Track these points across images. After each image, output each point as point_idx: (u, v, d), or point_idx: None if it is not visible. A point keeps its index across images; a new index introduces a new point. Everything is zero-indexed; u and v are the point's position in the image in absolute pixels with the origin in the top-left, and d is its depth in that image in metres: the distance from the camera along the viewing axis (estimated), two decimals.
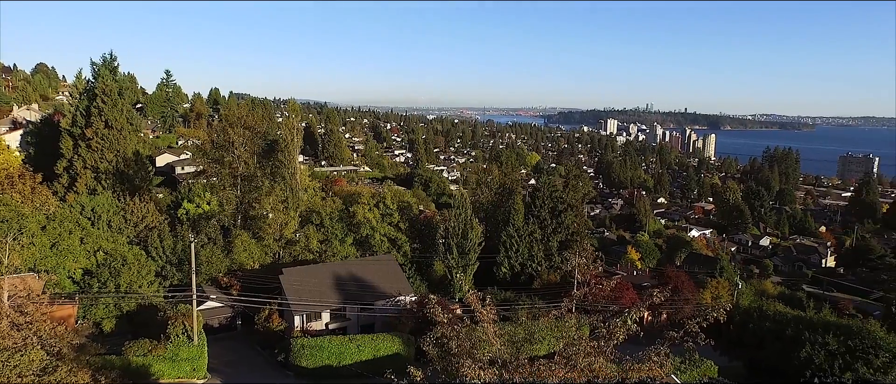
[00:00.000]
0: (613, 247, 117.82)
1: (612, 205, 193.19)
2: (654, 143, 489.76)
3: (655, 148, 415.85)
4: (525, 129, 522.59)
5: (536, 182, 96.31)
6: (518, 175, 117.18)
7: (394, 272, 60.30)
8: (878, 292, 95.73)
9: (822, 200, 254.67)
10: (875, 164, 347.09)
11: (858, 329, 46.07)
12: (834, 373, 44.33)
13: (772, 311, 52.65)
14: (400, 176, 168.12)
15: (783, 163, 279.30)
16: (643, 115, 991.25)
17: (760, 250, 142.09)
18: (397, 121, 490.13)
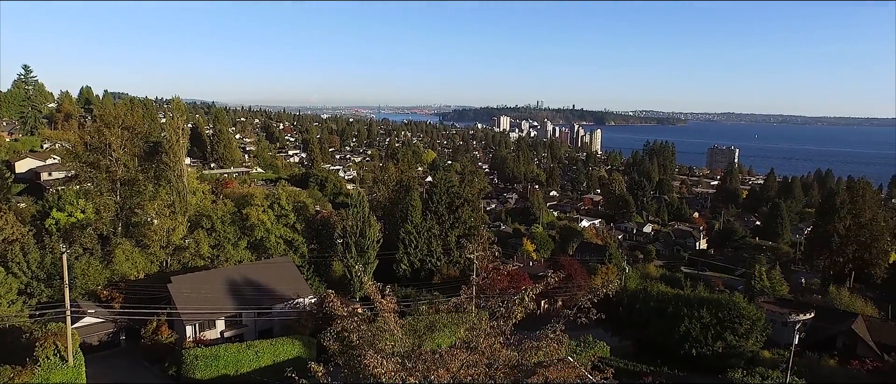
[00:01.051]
0: (510, 239, 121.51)
1: (507, 199, 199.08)
2: (545, 138, 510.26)
3: (546, 143, 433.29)
4: (421, 127, 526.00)
5: (433, 179, 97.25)
6: (415, 172, 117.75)
7: (291, 274, 58.62)
8: (741, 269, 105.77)
9: (695, 189, 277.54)
10: (736, 154, 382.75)
11: (726, 302, 50.72)
12: (707, 343, 48.54)
13: (655, 292, 56.69)
14: (295, 176, 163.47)
15: (661, 155, 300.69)
16: (534, 112, 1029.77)
17: (644, 237, 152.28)
18: (290, 120, 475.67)
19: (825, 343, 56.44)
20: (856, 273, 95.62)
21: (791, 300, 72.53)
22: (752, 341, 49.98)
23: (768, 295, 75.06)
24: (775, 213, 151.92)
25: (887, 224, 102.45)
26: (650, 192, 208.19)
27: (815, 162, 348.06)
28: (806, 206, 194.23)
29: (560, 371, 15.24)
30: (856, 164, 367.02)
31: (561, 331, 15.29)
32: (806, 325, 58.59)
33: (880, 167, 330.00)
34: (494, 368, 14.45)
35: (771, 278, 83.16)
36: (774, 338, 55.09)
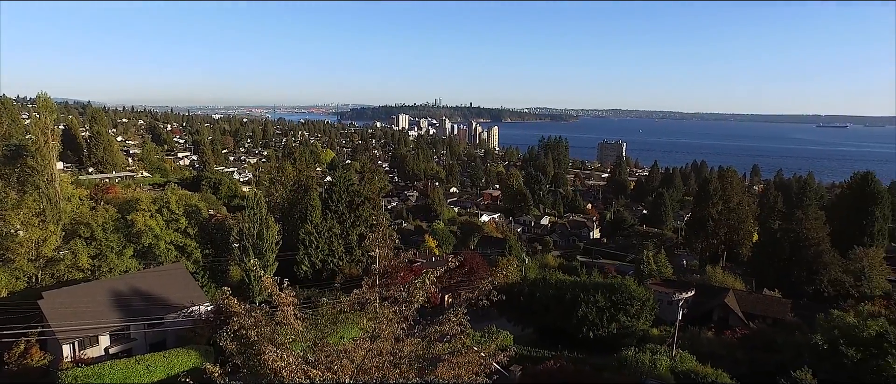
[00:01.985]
0: (412, 236, 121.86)
1: (408, 197, 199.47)
2: (444, 136, 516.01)
3: (446, 141, 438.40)
4: (318, 126, 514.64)
5: (332, 178, 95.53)
6: (313, 172, 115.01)
7: (185, 281, 55.31)
8: (631, 255, 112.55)
9: (587, 181, 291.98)
10: (624, 148, 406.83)
11: (619, 286, 53.72)
12: (603, 325, 51.21)
13: (554, 280, 58.95)
14: (185, 179, 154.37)
15: (556, 150, 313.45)
16: (433, 110, 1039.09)
17: (542, 229, 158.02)
18: (179, 121, 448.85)
19: (703, 317, 61.38)
20: (727, 253, 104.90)
21: (675, 280, 78.16)
22: (643, 320, 53.34)
23: (655, 277, 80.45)
24: (659, 202, 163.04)
25: (751, 208, 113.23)
26: (546, 185, 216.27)
27: (692, 154, 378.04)
28: (685, 195, 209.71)
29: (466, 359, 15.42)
30: (725, 155, 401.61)
31: (463, 313, 15.42)
32: (688, 302, 63.46)
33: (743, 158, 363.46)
34: (400, 357, 14.34)
35: (657, 262, 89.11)
36: (662, 315, 59.13)
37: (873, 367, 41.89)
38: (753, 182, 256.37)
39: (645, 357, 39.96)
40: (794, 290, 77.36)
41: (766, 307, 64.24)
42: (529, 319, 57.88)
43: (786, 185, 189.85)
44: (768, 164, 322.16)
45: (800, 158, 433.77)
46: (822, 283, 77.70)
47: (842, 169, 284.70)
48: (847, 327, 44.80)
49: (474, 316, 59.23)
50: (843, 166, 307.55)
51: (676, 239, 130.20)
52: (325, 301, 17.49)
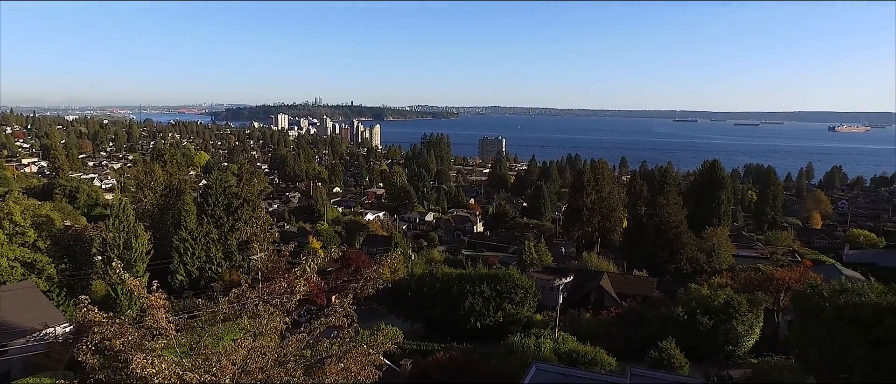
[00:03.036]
0: (295, 238, 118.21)
1: (289, 198, 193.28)
2: (325, 135, 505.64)
3: (327, 140, 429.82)
4: (191, 127, 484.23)
5: (208, 181, 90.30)
6: (187, 175, 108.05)
7: (36, 301, 49.67)
8: (513, 246, 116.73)
9: (470, 177, 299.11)
10: (503, 144, 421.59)
11: (503, 276, 55.45)
12: (490, 314, 52.66)
13: (440, 274, 59.63)
14: (33, 188, 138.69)
15: (438, 147, 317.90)
16: (313, 109, 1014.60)
17: (426, 225, 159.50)
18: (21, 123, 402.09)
19: (582, 299, 65.07)
20: (600, 239, 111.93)
21: (555, 267, 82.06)
22: (527, 307, 55.49)
23: (537, 265, 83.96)
24: (538, 195, 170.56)
25: (620, 196, 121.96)
26: (430, 182, 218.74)
27: (567, 148, 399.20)
28: (562, 187, 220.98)
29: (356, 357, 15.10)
30: (596, 148, 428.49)
31: (349, 304, 15.07)
32: (567, 287, 66.89)
33: (612, 151, 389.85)
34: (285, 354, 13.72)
35: (538, 251, 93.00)
36: (544, 301, 61.82)
37: (723, 331, 46.79)
38: (622, 173, 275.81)
39: (530, 341, 41.57)
40: (659, 269, 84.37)
41: (636, 286, 69.45)
42: (418, 314, 58.18)
43: (649, 174, 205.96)
44: (634, 155, 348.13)
45: (660, 150, 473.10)
46: (682, 261, 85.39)
47: (694, 158, 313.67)
48: (702, 298, 49.53)
49: (363, 315, 58.71)
50: (695, 156, 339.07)
51: (555, 228, 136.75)
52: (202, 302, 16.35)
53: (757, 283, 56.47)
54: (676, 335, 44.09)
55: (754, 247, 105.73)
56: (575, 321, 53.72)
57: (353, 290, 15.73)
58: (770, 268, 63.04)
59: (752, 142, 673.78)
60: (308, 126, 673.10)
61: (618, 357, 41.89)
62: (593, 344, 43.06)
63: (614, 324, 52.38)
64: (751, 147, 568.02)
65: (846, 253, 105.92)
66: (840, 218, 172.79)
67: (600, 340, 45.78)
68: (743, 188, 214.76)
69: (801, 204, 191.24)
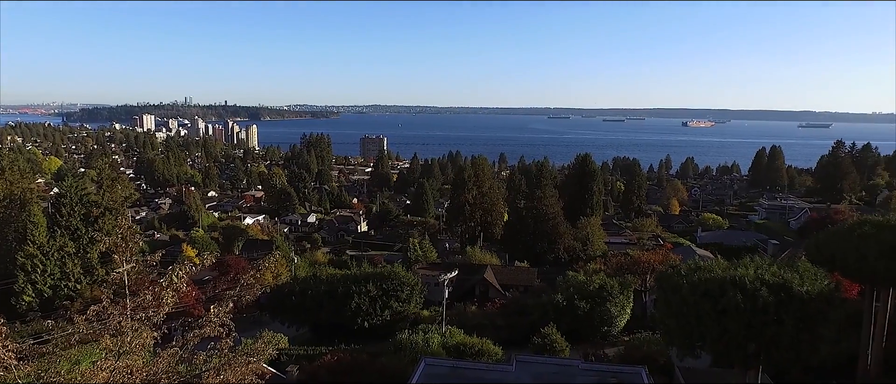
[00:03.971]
0: (167, 247, 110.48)
1: (159, 205, 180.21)
2: (197, 137, 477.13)
3: (200, 142, 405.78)
4: (37, 129, 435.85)
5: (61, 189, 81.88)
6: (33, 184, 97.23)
7: None
8: (398, 244, 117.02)
9: (352, 177, 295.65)
10: (385, 143, 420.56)
11: (389, 274, 55.42)
12: (377, 314, 52.42)
13: (325, 276, 58.50)
14: None
15: (318, 147, 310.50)
16: (183, 110, 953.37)
17: (309, 226, 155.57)
18: None
19: (467, 293, 66.60)
20: (483, 233, 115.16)
21: (440, 263, 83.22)
22: (414, 304, 55.85)
23: (422, 262, 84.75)
24: (421, 192, 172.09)
25: (500, 191, 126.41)
26: (311, 183, 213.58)
27: (448, 145, 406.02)
28: (444, 183, 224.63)
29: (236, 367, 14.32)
30: (477, 145, 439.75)
31: (225, 312, 14.22)
32: (453, 282, 67.98)
33: (492, 147, 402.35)
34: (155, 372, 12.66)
35: (422, 248, 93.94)
36: (431, 297, 62.50)
37: (598, 313, 49.98)
38: (501, 168, 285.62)
39: (418, 337, 41.88)
40: (539, 259, 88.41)
41: (518, 277, 72.28)
42: (304, 318, 56.62)
43: (527, 169, 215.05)
44: (512, 151, 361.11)
45: (537, 146, 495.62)
46: (560, 251, 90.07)
47: (568, 153, 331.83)
48: (579, 284, 52.56)
49: (245, 324, 56.18)
50: (569, 151, 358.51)
51: (438, 225, 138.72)
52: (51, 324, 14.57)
53: (627, 267, 60.96)
54: (557, 320, 46.46)
55: (623, 234, 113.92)
56: (461, 314, 54.87)
57: (231, 298, 14.86)
58: (637, 253, 68.31)
59: (618, 136, 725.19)
60: (178, 127, 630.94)
61: (503, 346, 43.35)
62: (480, 335, 44.20)
63: (499, 315, 54.12)
64: (618, 141, 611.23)
65: (699, 235, 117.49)
66: (694, 204, 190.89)
67: (486, 331, 47.11)
68: (612, 179, 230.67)
69: (661, 192, 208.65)
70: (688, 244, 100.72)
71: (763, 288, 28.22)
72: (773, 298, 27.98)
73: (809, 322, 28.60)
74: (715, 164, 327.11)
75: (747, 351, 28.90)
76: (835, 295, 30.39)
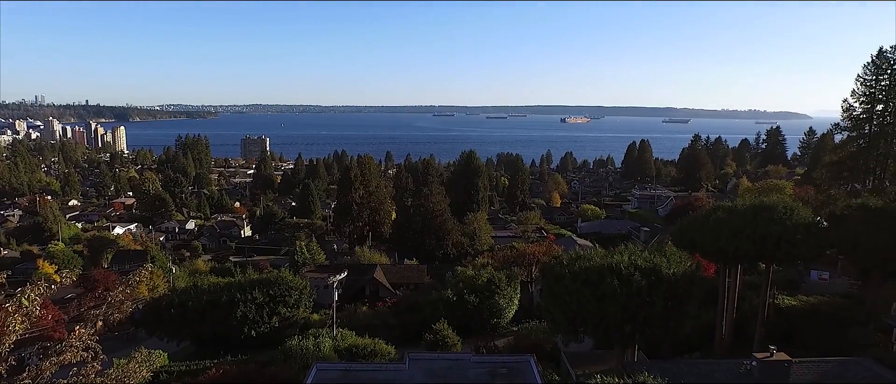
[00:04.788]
0: (19, 265, 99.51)
1: (6, 217, 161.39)
2: (53, 140, 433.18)
3: (57, 146, 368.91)
4: None
5: None
6: None
7: None
8: (285, 247, 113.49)
9: (233, 179, 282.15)
10: (267, 143, 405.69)
11: (276, 279, 53.58)
12: (265, 321, 50.53)
13: (207, 285, 55.31)
14: None
15: (196, 149, 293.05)
16: (34, 110, 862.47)
17: (188, 234, 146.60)
18: None
19: (357, 293, 65.95)
20: (372, 232, 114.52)
21: (328, 265, 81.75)
22: (303, 308, 54.36)
23: (310, 265, 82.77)
24: (306, 193, 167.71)
25: (387, 190, 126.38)
26: (188, 187, 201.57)
27: (333, 145, 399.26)
28: (330, 184, 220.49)
29: None
30: (362, 144, 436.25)
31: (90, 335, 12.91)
32: (342, 283, 67.00)
33: (378, 146, 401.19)
34: None
35: (310, 250, 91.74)
36: (320, 300, 61.20)
37: (488, 306, 51.49)
38: (388, 167, 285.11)
39: (309, 342, 40.86)
40: (428, 256, 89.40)
41: (408, 275, 72.65)
42: (186, 332, 53.25)
43: (414, 167, 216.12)
44: (398, 150, 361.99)
45: (423, 143, 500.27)
46: (448, 247, 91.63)
47: (453, 150, 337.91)
48: (468, 279, 53.81)
49: (117, 343, 51.78)
50: (454, 148, 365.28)
51: (326, 226, 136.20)
52: None
53: (513, 260, 63.24)
54: (448, 315, 47.26)
55: (509, 228, 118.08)
56: (352, 316, 54.28)
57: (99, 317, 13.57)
58: (523, 245, 71.10)
59: (502, 133, 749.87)
60: (27, 129, 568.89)
61: (396, 344, 43.41)
62: (372, 336, 43.95)
63: (391, 314, 54.15)
64: (502, 138, 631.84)
65: (579, 225, 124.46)
66: (573, 196, 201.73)
67: (379, 331, 46.96)
68: (497, 175, 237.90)
69: (543, 186, 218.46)
70: (569, 235, 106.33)
71: (636, 273, 30.47)
72: (645, 282, 30.29)
73: (676, 301, 31.27)
74: (592, 158, 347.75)
75: (625, 331, 31.08)
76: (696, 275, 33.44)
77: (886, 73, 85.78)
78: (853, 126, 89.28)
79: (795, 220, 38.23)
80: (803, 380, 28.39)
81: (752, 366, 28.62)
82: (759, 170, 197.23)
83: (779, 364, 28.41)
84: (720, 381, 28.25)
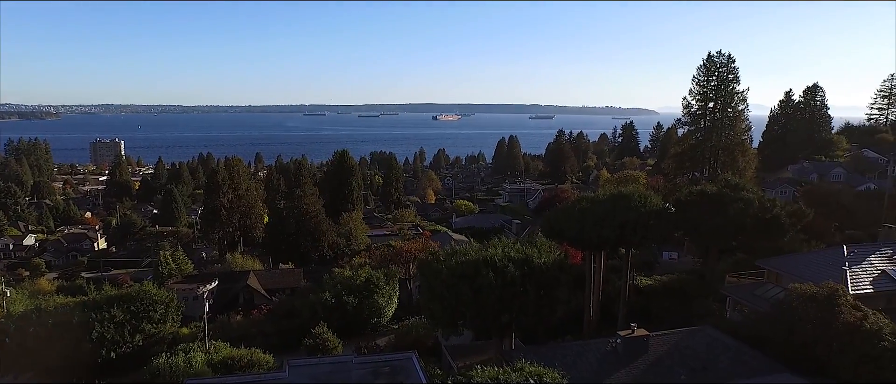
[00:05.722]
0: None
1: None
2: None
3: None
4: None
5: None
6: None
7: None
8: (147, 258, 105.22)
9: (82, 187, 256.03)
10: (122, 147, 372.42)
11: (137, 294, 49.53)
12: (126, 340, 46.57)
13: (52, 308, 49.75)
14: None
15: (34, 155, 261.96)
16: None
17: (27, 250, 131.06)
18: None
19: (230, 302, 62.82)
20: (243, 237, 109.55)
21: (197, 274, 76.98)
22: (170, 323, 50.69)
23: (176, 276, 77.35)
24: (169, 199, 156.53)
25: (258, 193, 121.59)
26: (25, 198, 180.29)
27: (198, 147, 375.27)
28: (195, 188, 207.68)
29: None
30: (230, 145, 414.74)
31: None
32: (213, 293, 63.59)
33: (247, 147, 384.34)
34: None
35: (176, 260, 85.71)
36: (190, 313, 57.48)
37: (367, 306, 51.36)
38: (258, 168, 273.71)
39: (178, 359, 38.36)
40: (304, 259, 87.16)
41: (284, 279, 70.41)
42: (26, 363, 47.47)
43: (285, 168, 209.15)
44: (269, 151, 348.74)
45: (294, 143, 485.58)
46: (324, 248, 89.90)
47: (326, 150, 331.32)
48: (346, 280, 53.29)
49: None
50: (327, 148, 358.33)
51: (193, 233, 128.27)
52: None
53: (390, 258, 63.42)
54: (327, 318, 46.41)
55: (385, 226, 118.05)
56: (226, 326, 51.62)
57: None
58: (399, 243, 71.47)
59: (375, 132, 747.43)
60: None
61: (275, 353, 41.96)
62: (248, 346, 42.12)
63: (267, 321, 52.26)
64: (375, 136, 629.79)
65: (454, 221, 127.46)
66: (447, 192, 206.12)
67: (255, 340, 45.14)
68: (371, 174, 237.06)
69: (418, 183, 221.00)
70: (445, 231, 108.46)
71: (510, 264, 31.89)
72: (518, 272, 31.79)
73: (548, 288, 33.14)
74: (464, 155, 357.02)
75: (502, 321, 32.43)
76: (565, 262, 35.64)
77: (715, 74, 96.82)
78: (691, 121, 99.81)
79: (649, 207, 41.95)
80: (659, 350, 31.34)
81: (617, 343, 31.12)
82: (617, 162, 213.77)
83: (639, 339, 31.16)
84: (590, 360, 30.38)
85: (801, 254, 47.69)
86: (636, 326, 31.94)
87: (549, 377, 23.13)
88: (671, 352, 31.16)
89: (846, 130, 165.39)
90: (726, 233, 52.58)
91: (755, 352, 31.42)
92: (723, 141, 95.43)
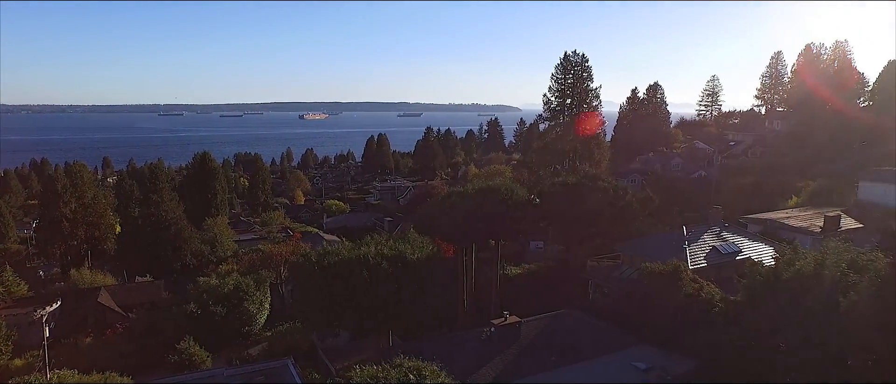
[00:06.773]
0: None
1: None
2: None
3: None
4: None
5: None
6: None
7: None
8: None
9: None
10: None
11: None
12: None
13: None
14: None
15: None
16: None
17: None
18: None
19: (79, 324, 56.71)
20: (91, 251, 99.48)
21: (34, 296, 68.72)
22: None
23: (7, 300, 68.45)
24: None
25: (108, 200, 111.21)
26: None
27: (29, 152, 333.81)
28: (28, 199, 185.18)
29: None
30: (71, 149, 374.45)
31: None
32: (55, 315, 57.18)
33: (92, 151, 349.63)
34: None
35: (5, 281, 75.85)
36: (25, 341, 51.10)
37: (237, 314, 48.91)
38: (107, 174, 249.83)
39: None
40: (164, 270, 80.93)
41: (142, 293, 65.00)
42: None
43: (139, 172, 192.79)
44: (119, 154, 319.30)
45: (148, 146, 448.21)
46: (186, 257, 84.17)
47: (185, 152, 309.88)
48: (212, 289, 50.33)
49: None
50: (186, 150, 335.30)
51: (27, 250, 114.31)
52: None
53: (260, 263, 60.84)
54: (193, 331, 43.51)
55: (253, 230, 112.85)
56: (73, 351, 46.59)
57: None
58: (269, 247, 68.77)
59: (238, 132, 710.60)
60: None
61: (134, 374, 38.56)
62: (102, 370, 38.24)
63: (124, 341, 48.05)
64: (238, 137, 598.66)
65: (325, 221, 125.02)
66: (317, 192, 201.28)
67: (111, 363, 41.14)
68: (235, 176, 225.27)
69: (286, 185, 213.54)
70: (316, 231, 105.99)
71: (384, 262, 31.86)
72: (392, 269, 31.84)
73: (422, 283, 33.55)
74: (333, 154, 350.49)
75: (378, 319, 32.32)
76: (438, 257, 36.26)
77: (571, 72, 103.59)
78: (551, 117, 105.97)
79: (516, 199, 43.88)
80: (530, 335, 32.97)
81: (491, 331, 32.28)
82: (484, 157, 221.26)
83: (511, 326, 32.56)
84: (466, 350, 31.22)
85: (650, 236, 52.59)
86: (508, 314, 33.35)
87: (427, 371, 23.41)
88: (541, 337, 32.93)
89: (681, 124, 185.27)
90: (586, 221, 56.47)
91: (615, 329, 34.13)
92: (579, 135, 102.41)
